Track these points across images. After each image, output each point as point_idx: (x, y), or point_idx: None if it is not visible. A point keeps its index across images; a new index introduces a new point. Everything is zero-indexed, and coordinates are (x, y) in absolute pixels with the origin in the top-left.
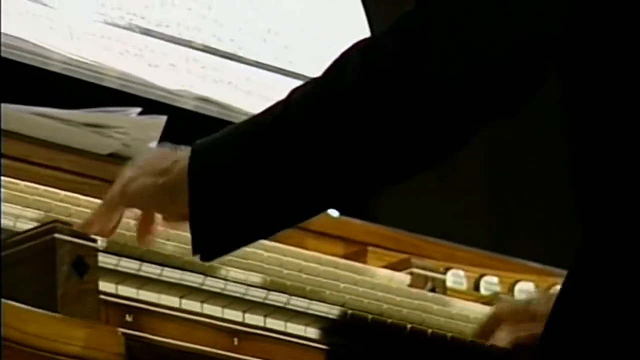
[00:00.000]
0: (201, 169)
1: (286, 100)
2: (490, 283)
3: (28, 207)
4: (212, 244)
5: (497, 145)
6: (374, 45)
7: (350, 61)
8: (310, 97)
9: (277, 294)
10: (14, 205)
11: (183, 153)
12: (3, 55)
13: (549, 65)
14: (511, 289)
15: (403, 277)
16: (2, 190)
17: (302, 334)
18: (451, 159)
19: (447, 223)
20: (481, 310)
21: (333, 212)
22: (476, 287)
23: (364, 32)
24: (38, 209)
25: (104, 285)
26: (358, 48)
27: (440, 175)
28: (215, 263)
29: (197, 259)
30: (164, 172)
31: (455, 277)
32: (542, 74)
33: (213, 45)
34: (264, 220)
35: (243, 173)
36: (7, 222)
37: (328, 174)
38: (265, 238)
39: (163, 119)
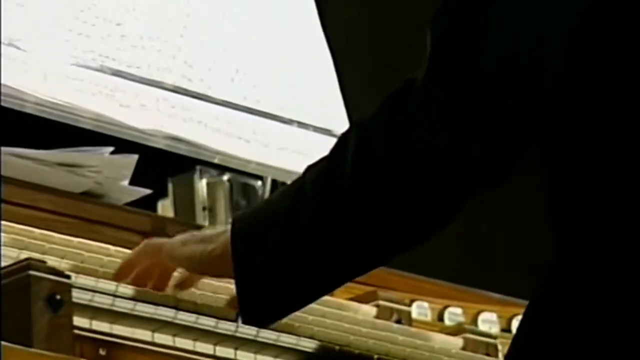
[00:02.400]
0: (243, 249)
1: (301, 182)
2: (454, 314)
3: (4, 245)
4: (259, 314)
5: None
6: (365, 131)
7: (348, 150)
8: (317, 185)
9: (247, 327)
10: None
11: (224, 227)
12: None
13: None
14: (475, 320)
15: (369, 309)
16: None
17: None
18: (445, 228)
19: (412, 256)
20: (445, 341)
21: None
22: (440, 318)
23: (330, 72)
24: (13, 247)
25: (78, 320)
26: (353, 134)
27: None
28: (185, 297)
29: (168, 293)
30: (209, 241)
31: (420, 309)
32: (530, 141)
33: (183, 86)
34: (299, 293)
35: (275, 251)
36: None
37: (342, 253)
38: (305, 306)
39: (134, 157)
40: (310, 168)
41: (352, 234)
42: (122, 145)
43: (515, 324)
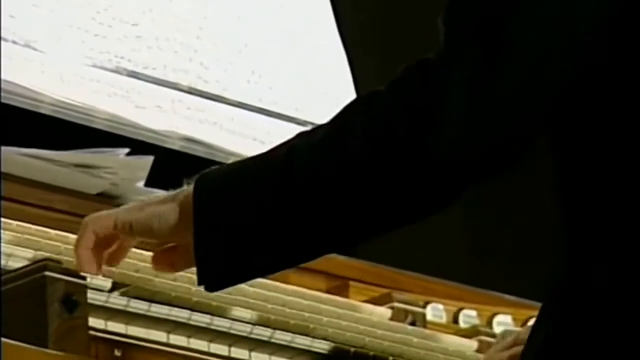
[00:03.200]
0: (206, 203)
1: (290, 148)
2: (468, 316)
3: (19, 245)
4: (215, 276)
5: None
6: (378, 103)
7: (355, 118)
8: (315, 149)
9: (262, 328)
10: (6, 245)
11: (185, 188)
12: None
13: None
14: (489, 322)
15: (384, 311)
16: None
17: None
18: (444, 210)
19: (427, 258)
20: (460, 343)
21: None
22: (455, 320)
23: (346, 74)
24: (29, 248)
25: (94, 321)
26: (362, 104)
27: None
28: (201, 299)
29: (183, 294)
30: (168, 200)
31: (435, 311)
32: (541, 130)
33: (199, 87)
34: (266, 260)
35: (246, 214)
36: None
37: (328, 224)
38: (264, 276)
39: (150, 159)
40: (302, 135)
41: (350, 202)
42: (137, 146)
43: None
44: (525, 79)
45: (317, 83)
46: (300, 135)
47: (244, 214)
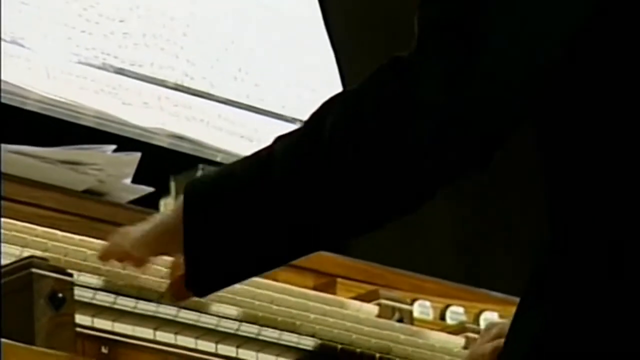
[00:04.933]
0: (195, 213)
1: (270, 150)
2: (456, 313)
3: (6, 242)
4: (203, 281)
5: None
6: (351, 100)
7: (329, 116)
8: (290, 150)
9: (249, 325)
10: None
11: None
12: None
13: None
14: (476, 319)
15: (371, 308)
16: None
17: None
18: (420, 208)
19: (414, 255)
20: (447, 340)
21: None
22: (442, 317)
23: (333, 71)
24: (15, 245)
25: (80, 318)
26: (336, 102)
27: None
28: None
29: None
30: (161, 215)
31: (422, 308)
32: (520, 125)
33: (185, 84)
34: (250, 262)
35: (231, 218)
36: None
37: (305, 224)
38: (253, 276)
39: (137, 155)
40: (280, 137)
41: (321, 204)
42: (124, 143)
43: None
44: (500, 72)
45: (304, 80)
46: (279, 137)
47: (229, 221)
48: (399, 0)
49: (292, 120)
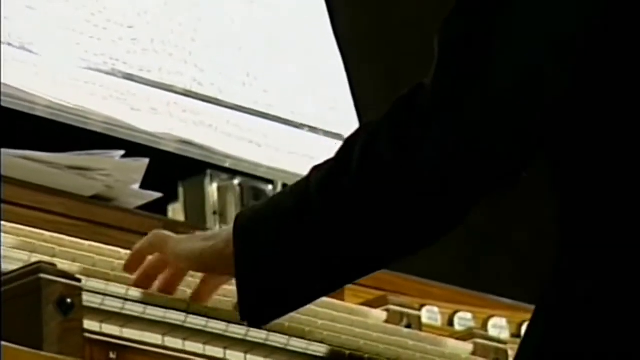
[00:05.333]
0: (244, 245)
1: (307, 181)
2: (464, 319)
3: (14, 248)
4: (256, 311)
5: None
6: (374, 133)
7: (356, 149)
8: (323, 183)
9: (258, 331)
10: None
11: (228, 226)
12: None
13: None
14: (485, 325)
15: (379, 314)
16: None
17: None
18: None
19: (422, 261)
20: (455, 346)
21: None
22: (450, 323)
23: (341, 77)
24: (23, 250)
25: (89, 324)
26: (361, 135)
27: None
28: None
29: (178, 297)
30: (211, 238)
31: (430, 314)
32: (540, 142)
33: (194, 90)
34: (299, 291)
35: (277, 249)
36: None
37: (342, 255)
38: (303, 306)
39: (145, 161)
40: (316, 168)
41: (355, 235)
42: (132, 148)
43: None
44: (512, 96)
45: (313, 86)
46: (315, 167)
47: (275, 254)
48: (406, 7)
49: (300, 126)
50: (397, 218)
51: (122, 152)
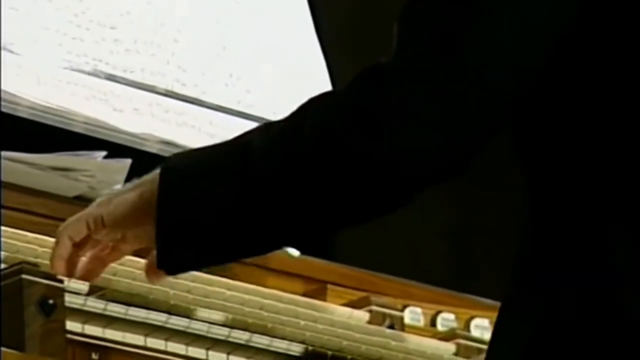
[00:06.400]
0: (169, 195)
1: (247, 141)
2: (446, 319)
3: None
4: (174, 260)
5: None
6: (331, 104)
7: (309, 118)
8: (270, 147)
9: (239, 331)
10: None
11: (151, 175)
12: None
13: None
14: (467, 325)
15: (362, 315)
16: None
17: None
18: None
19: (405, 261)
20: (437, 346)
21: (293, 252)
22: (433, 324)
23: (324, 78)
24: (6, 251)
25: (71, 325)
26: (317, 104)
27: (398, 214)
28: (178, 302)
29: (160, 297)
30: (134, 188)
31: (413, 314)
32: (498, 130)
33: (176, 90)
34: (220, 249)
35: (206, 204)
36: None
37: (279, 218)
38: (221, 263)
39: (128, 162)
40: (258, 129)
41: (296, 203)
42: (115, 149)
43: None
44: (483, 79)
45: (295, 86)
46: (256, 129)
47: (204, 206)
48: (390, 7)
49: None
50: (343, 193)
51: (105, 153)
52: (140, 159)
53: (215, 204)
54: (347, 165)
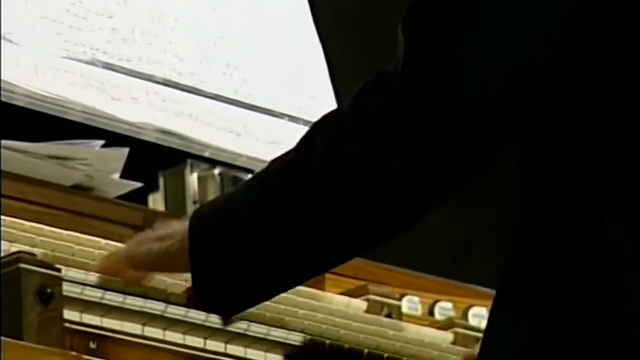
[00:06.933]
0: (199, 243)
1: (265, 174)
2: (444, 308)
3: None
4: (215, 308)
5: None
6: (339, 120)
7: (317, 140)
8: (282, 176)
9: (238, 321)
10: None
11: (183, 223)
12: None
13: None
14: (465, 314)
15: (360, 304)
16: None
17: (262, 359)
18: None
19: (403, 251)
20: (435, 335)
21: None
22: (431, 313)
23: (321, 66)
24: (3, 240)
25: (69, 314)
26: (324, 125)
27: None
28: (176, 291)
29: (158, 286)
30: (167, 238)
31: (411, 303)
32: (507, 137)
33: (174, 79)
34: (257, 287)
35: (233, 247)
36: None
37: (305, 247)
38: (261, 302)
39: (125, 151)
40: (274, 161)
41: (320, 227)
42: (112, 138)
43: None
44: (484, 91)
45: (293, 75)
46: (273, 160)
47: (232, 248)
48: None
49: (280, 115)
50: (361, 214)
51: (102, 142)
52: (138, 148)
53: (241, 241)
54: (360, 177)
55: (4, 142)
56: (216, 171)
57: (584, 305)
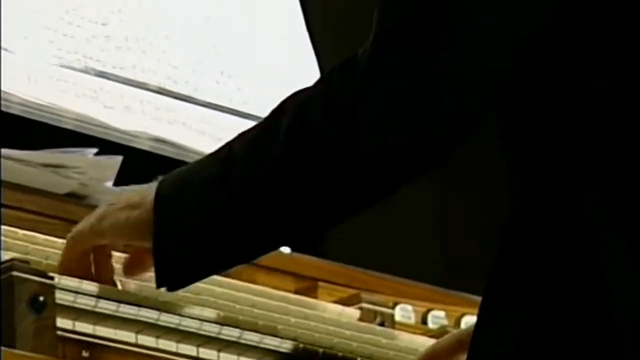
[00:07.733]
0: (164, 210)
1: (230, 149)
2: (437, 317)
3: None
4: (173, 277)
5: (446, 181)
6: (306, 99)
7: (284, 118)
8: (248, 151)
9: (230, 328)
10: None
11: (151, 190)
12: None
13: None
14: (458, 323)
15: (353, 312)
16: None
17: None
18: (385, 202)
19: (396, 259)
20: (428, 344)
21: (285, 249)
22: (424, 321)
23: (315, 76)
24: None
25: (61, 322)
26: (292, 102)
27: (389, 212)
28: (169, 299)
29: (151, 295)
30: (136, 206)
31: (404, 312)
32: (479, 122)
33: (167, 87)
34: (217, 258)
35: (198, 217)
36: None
37: (263, 222)
38: (220, 272)
39: (119, 159)
40: (241, 135)
41: (282, 202)
42: (106, 146)
43: None
44: (462, 75)
45: (287, 84)
46: (239, 135)
47: (195, 219)
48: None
49: None
50: (326, 191)
51: (96, 150)
52: (132, 156)
53: (204, 218)
54: (323, 158)
55: None
56: None
57: (572, 304)
